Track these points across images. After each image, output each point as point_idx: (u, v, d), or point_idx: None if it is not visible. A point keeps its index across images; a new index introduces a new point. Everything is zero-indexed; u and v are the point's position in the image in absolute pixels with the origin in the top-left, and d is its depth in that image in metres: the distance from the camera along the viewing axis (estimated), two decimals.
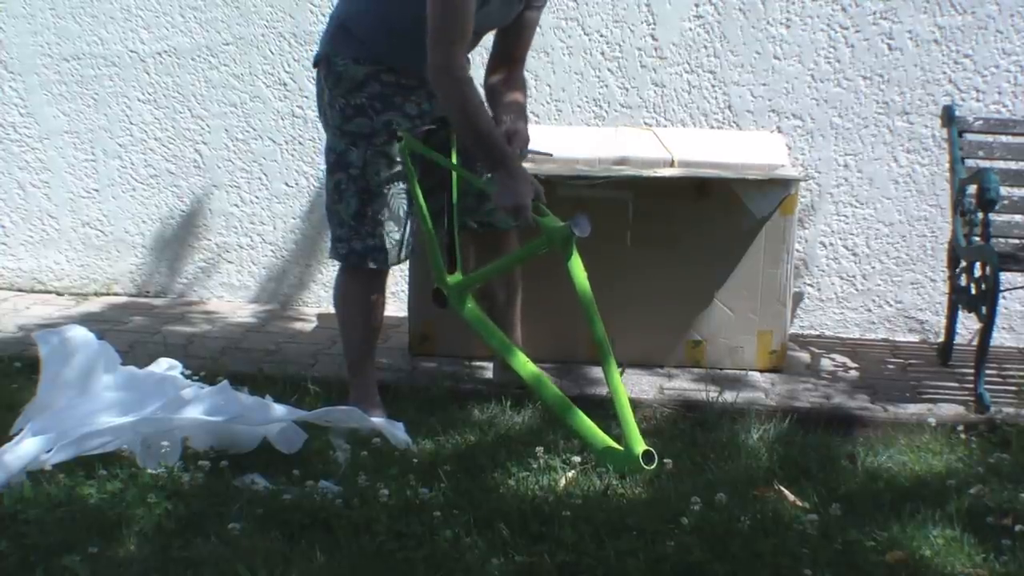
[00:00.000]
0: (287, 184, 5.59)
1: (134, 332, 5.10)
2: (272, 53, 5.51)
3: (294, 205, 5.60)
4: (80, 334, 3.78)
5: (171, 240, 5.73)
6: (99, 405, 3.65)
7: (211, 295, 5.73)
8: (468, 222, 4.12)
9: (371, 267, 3.94)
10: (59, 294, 5.81)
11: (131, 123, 5.68)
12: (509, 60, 4.08)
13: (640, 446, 3.51)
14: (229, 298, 5.71)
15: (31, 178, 5.80)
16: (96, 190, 5.77)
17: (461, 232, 4.10)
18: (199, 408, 3.64)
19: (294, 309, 5.61)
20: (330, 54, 3.90)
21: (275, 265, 5.66)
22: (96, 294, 5.78)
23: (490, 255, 4.21)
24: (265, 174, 5.61)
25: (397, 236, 3.95)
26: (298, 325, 5.33)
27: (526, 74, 4.19)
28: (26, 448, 3.40)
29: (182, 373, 4.03)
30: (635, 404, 4.22)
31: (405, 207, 3.95)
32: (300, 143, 5.53)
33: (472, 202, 4.08)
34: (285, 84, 5.52)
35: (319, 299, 5.61)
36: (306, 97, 5.46)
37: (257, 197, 5.63)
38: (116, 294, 5.78)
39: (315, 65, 4.01)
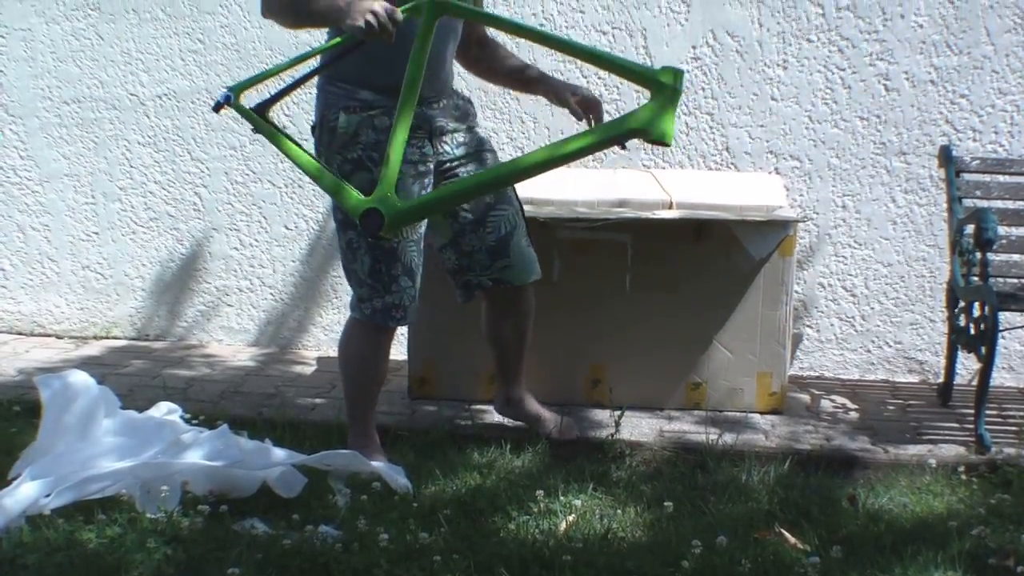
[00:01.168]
0: (287, 227, 5.60)
1: (134, 376, 5.09)
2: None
3: (294, 248, 5.61)
4: (80, 378, 3.78)
5: (171, 283, 5.74)
6: (99, 449, 3.65)
7: (211, 338, 5.73)
8: (482, 280, 4.04)
9: (391, 325, 3.90)
10: (59, 337, 5.81)
11: (131, 166, 5.70)
12: (474, 45, 4.13)
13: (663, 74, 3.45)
14: (229, 341, 5.71)
15: (31, 221, 5.81)
16: (96, 233, 5.78)
17: (475, 291, 4.10)
18: (198, 452, 3.64)
19: (294, 352, 5.61)
20: (322, 113, 3.86)
21: (275, 308, 5.67)
22: (96, 337, 5.78)
23: (505, 314, 4.18)
24: (265, 217, 5.62)
25: (412, 291, 3.87)
26: (298, 368, 5.33)
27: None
28: (25, 492, 3.39)
29: (181, 417, 4.02)
30: (635, 447, 4.25)
31: (417, 259, 3.87)
32: (299, 186, 5.54)
33: (484, 258, 4.00)
34: (284, 126, 5.52)
35: (319, 342, 5.61)
36: (305, 139, 5.45)
37: (257, 240, 5.64)
38: (116, 337, 5.78)
39: (313, 132, 3.95)
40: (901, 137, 5.18)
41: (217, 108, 3.78)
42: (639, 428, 4.45)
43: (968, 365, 5.04)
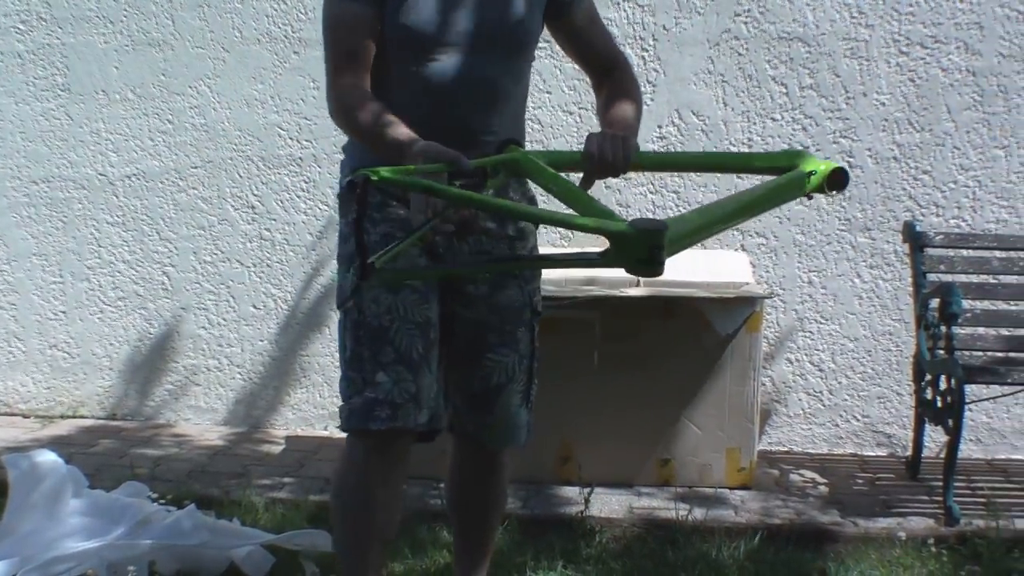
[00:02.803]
0: (255, 307, 5.60)
1: (101, 455, 5.06)
2: (240, 176, 5.55)
3: (262, 327, 5.60)
4: (48, 458, 3.76)
5: (139, 362, 5.72)
6: (66, 529, 3.62)
7: (179, 418, 5.70)
8: (454, 422, 3.11)
9: (372, 428, 2.86)
10: (25, 416, 5.77)
11: (99, 245, 5.70)
12: (599, 73, 3.15)
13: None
14: (197, 421, 5.68)
15: None
16: (64, 312, 5.76)
17: (452, 433, 3.16)
18: (166, 532, 3.62)
19: (263, 432, 5.58)
20: (341, 181, 3.09)
21: (244, 388, 5.65)
22: (63, 416, 5.74)
23: (473, 479, 3.25)
24: (233, 296, 5.62)
25: (411, 386, 2.87)
26: (266, 448, 5.30)
27: None
28: None
29: (149, 497, 4.00)
30: (605, 523, 4.24)
31: (418, 345, 2.89)
32: (268, 265, 5.55)
33: (462, 404, 3.10)
34: (253, 207, 5.55)
35: (287, 421, 5.59)
36: (273, 220, 5.50)
37: (225, 319, 5.63)
38: (83, 416, 5.74)
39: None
40: (865, 213, 5.24)
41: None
42: (609, 505, 4.44)
43: (936, 438, 5.05)
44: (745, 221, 3.24)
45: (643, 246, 2.31)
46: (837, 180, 2.69)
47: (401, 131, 2.74)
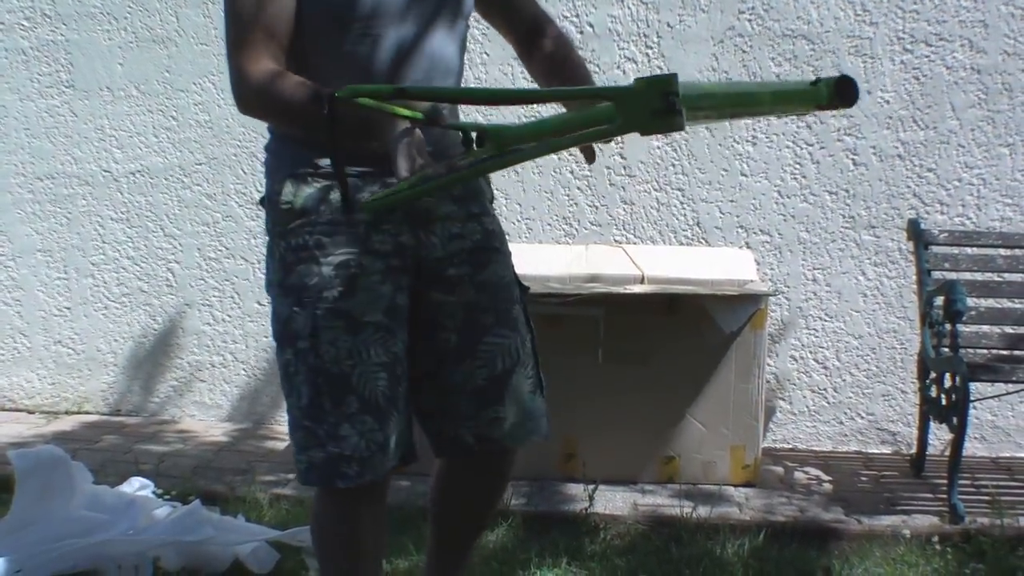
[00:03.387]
0: (259, 303, 5.61)
1: (106, 451, 5.06)
2: (244, 173, 5.55)
3: (266, 324, 5.53)
4: (53, 454, 3.77)
5: (143, 359, 5.72)
6: (71, 525, 3.62)
7: (183, 414, 5.70)
8: (461, 434, 2.75)
9: (340, 486, 2.59)
10: (30, 412, 5.77)
11: (104, 242, 5.70)
12: (528, 37, 2.89)
13: None
14: (201, 417, 5.69)
15: (3, 296, 5.80)
16: (68, 308, 5.77)
17: (452, 449, 2.80)
18: (170, 528, 3.62)
19: (267, 427, 5.59)
20: (268, 184, 2.72)
21: (248, 384, 5.65)
22: (67, 412, 5.75)
23: (476, 479, 2.90)
24: (237, 293, 5.62)
25: (379, 435, 2.59)
26: (270, 444, 5.30)
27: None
28: None
29: (153, 492, 4.01)
30: (609, 520, 4.24)
31: (385, 389, 2.59)
32: None
33: (467, 404, 2.74)
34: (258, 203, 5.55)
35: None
36: None
37: (229, 316, 5.64)
38: (88, 412, 5.75)
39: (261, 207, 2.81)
40: (870, 211, 5.23)
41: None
42: (613, 502, 4.44)
43: (940, 436, 5.06)
44: (749, 116, 2.93)
45: (656, 94, 2.09)
46: (845, 91, 2.31)
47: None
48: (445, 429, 2.75)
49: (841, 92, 2.19)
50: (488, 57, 5.31)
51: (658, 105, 2.06)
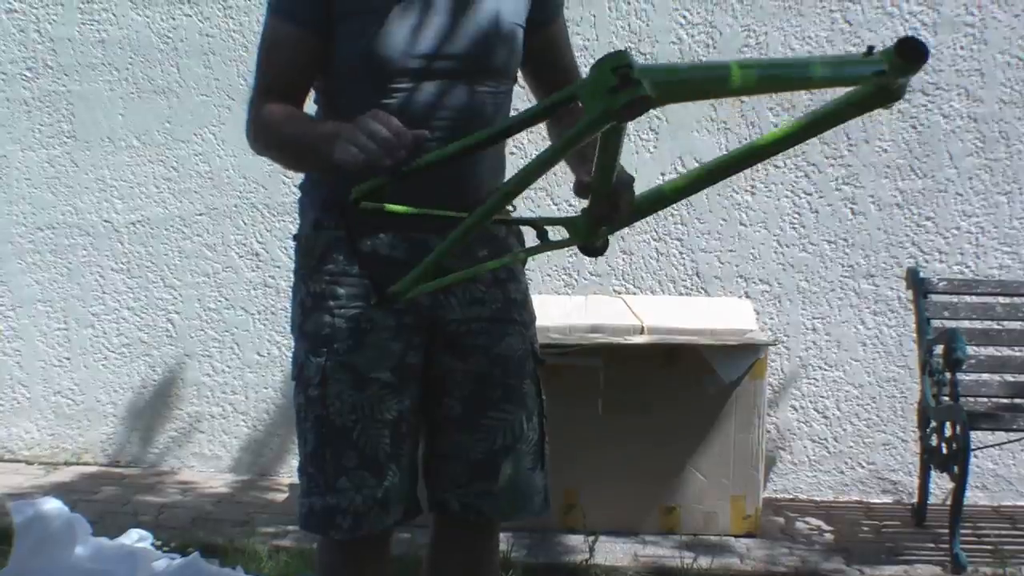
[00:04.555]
0: (259, 354, 5.61)
1: (105, 502, 5.05)
2: (245, 224, 5.57)
3: (266, 375, 5.60)
4: (52, 505, 3.75)
5: (143, 409, 5.71)
6: None
7: (183, 465, 5.69)
8: (449, 500, 2.68)
9: (333, 536, 2.61)
10: (29, 463, 5.76)
11: (104, 292, 5.71)
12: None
13: None
14: (201, 468, 5.67)
15: (3, 346, 5.80)
16: (68, 359, 5.77)
17: (438, 508, 2.72)
18: None
19: (267, 479, 5.57)
20: (299, 227, 2.72)
21: (248, 435, 5.64)
22: (66, 463, 5.73)
23: (456, 554, 2.80)
24: (237, 344, 5.62)
25: (377, 491, 2.57)
26: (270, 495, 5.29)
27: None
28: None
29: (152, 544, 3.99)
30: (610, 572, 4.22)
31: (387, 446, 2.57)
32: (272, 313, 5.55)
33: (461, 473, 2.67)
34: (258, 255, 5.56)
35: (291, 469, 5.57)
36: (278, 267, 5.51)
37: (229, 367, 5.63)
38: (87, 463, 5.73)
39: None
40: (869, 260, 5.24)
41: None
42: (614, 553, 4.43)
43: (942, 485, 5.05)
44: (783, 89, 2.61)
45: (608, 72, 2.00)
46: (910, 50, 2.06)
47: (330, 124, 2.45)
48: (435, 489, 2.71)
49: (906, 53, 2.05)
50: None
51: (612, 81, 1.99)
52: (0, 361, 5.81)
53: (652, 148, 5.25)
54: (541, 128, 2.67)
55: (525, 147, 5.29)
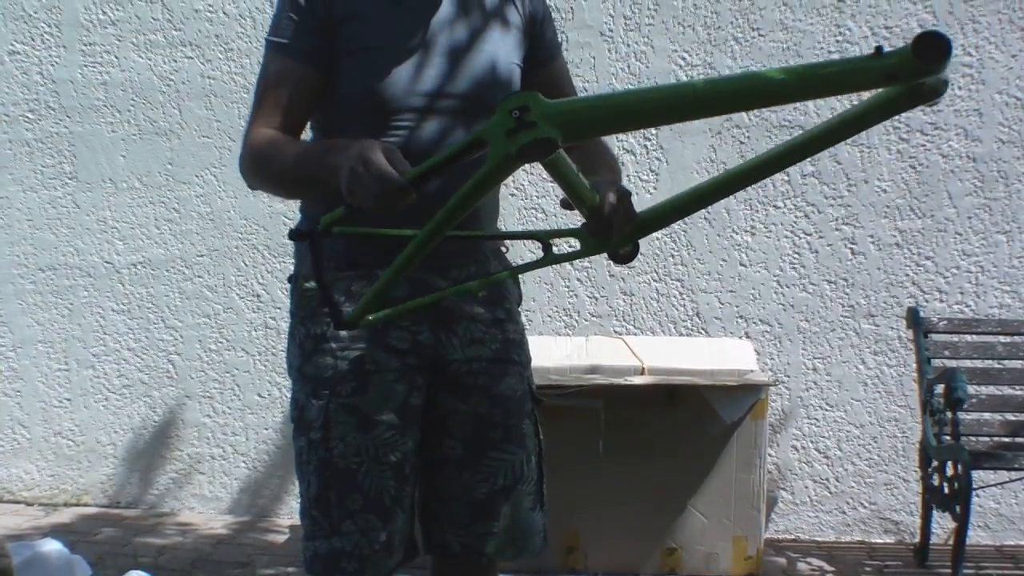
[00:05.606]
0: (260, 395, 5.61)
1: (104, 544, 5.05)
2: (246, 265, 5.58)
3: (267, 416, 5.60)
4: (52, 546, 3.77)
5: (143, 450, 5.71)
6: None
7: (183, 506, 5.68)
8: (449, 541, 2.70)
9: None
10: (28, 504, 5.75)
11: (105, 333, 5.71)
12: None
13: None
14: (201, 509, 5.66)
15: (3, 387, 5.80)
16: (68, 399, 5.77)
17: (438, 550, 2.75)
18: None
19: (267, 521, 5.56)
20: (295, 268, 2.73)
21: (248, 476, 5.64)
22: (66, 504, 5.73)
23: None
24: (238, 385, 5.62)
25: (381, 534, 2.57)
26: (271, 537, 5.28)
27: None
28: None
29: None
30: None
31: (391, 489, 2.57)
32: (273, 354, 5.55)
33: (461, 513, 2.68)
34: (259, 296, 5.57)
35: (292, 511, 5.57)
36: (279, 308, 5.51)
37: (230, 408, 5.63)
38: (87, 504, 5.73)
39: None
40: (869, 299, 5.25)
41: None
42: None
43: (944, 524, 5.04)
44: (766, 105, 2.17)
45: (505, 114, 1.96)
46: (929, 48, 1.85)
47: (331, 142, 2.44)
48: (434, 531, 2.72)
49: (923, 51, 1.82)
50: None
51: (509, 123, 1.96)
52: (0, 401, 5.81)
53: (652, 189, 5.26)
54: (537, 168, 2.65)
55: (525, 188, 5.31)
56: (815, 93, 2.09)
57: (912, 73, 1.86)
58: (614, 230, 2.36)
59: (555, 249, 2.47)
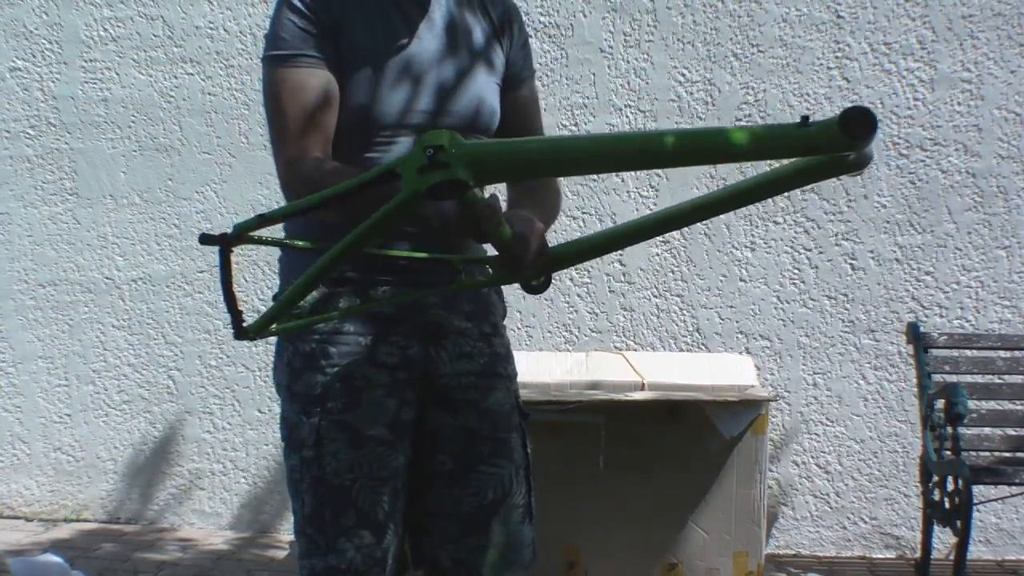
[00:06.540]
0: (260, 411, 5.60)
1: (104, 559, 5.04)
2: (246, 281, 5.58)
3: (267, 432, 5.60)
4: (52, 562, 3.76)
5: (143, 466, 5.71)
6: None
7: (183, 522, 5.68)
8: (440, 556, 2.71)
9: None
10: (28, 520, 5.75)
11: (105, 349, 5.72)
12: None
13: None
14: (201, 525, 5.66)
15: (3, 402, 5.80)
16: (69, 415, 5.77)
17: (428, 566, 2.75)
18: None
19: (268, 536, 5.56)
20: (279, 286, 2.73)
21: (248, 492, 5.63)
22: (66, 520, 5.72)
23: None
24: (238, 400, 5.62)
25: (376, 550, 2.59)
26: (271, 553, 5.28)
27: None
28: None
29: None
30: None
31: (384, 504, 2.59)
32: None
33: (452, 529, 2.69)
34: (259, 312, 5.57)
35: (291, 526, 5.53)
36: None
37: (230, 423, 5.63)
38: (86, 520, 5.72)
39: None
40: (869, 315, 5.25)
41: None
42: None
43: (945, 539, 5.03)
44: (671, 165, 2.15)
45: (420, 151, 1.92)
46: (856, 123, 1.78)
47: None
48: (425, 546, 2.72)
49: (850, 126, 1.77)
50: None
51: (423, 160, 1.92)
52: (1, 417, 5.81)
53: (652, 205, 5.27)
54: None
55: None
56: (729, 157, 2.04)
57: (836, 146, 1.84)
58: (521, 265, 2.38)
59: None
